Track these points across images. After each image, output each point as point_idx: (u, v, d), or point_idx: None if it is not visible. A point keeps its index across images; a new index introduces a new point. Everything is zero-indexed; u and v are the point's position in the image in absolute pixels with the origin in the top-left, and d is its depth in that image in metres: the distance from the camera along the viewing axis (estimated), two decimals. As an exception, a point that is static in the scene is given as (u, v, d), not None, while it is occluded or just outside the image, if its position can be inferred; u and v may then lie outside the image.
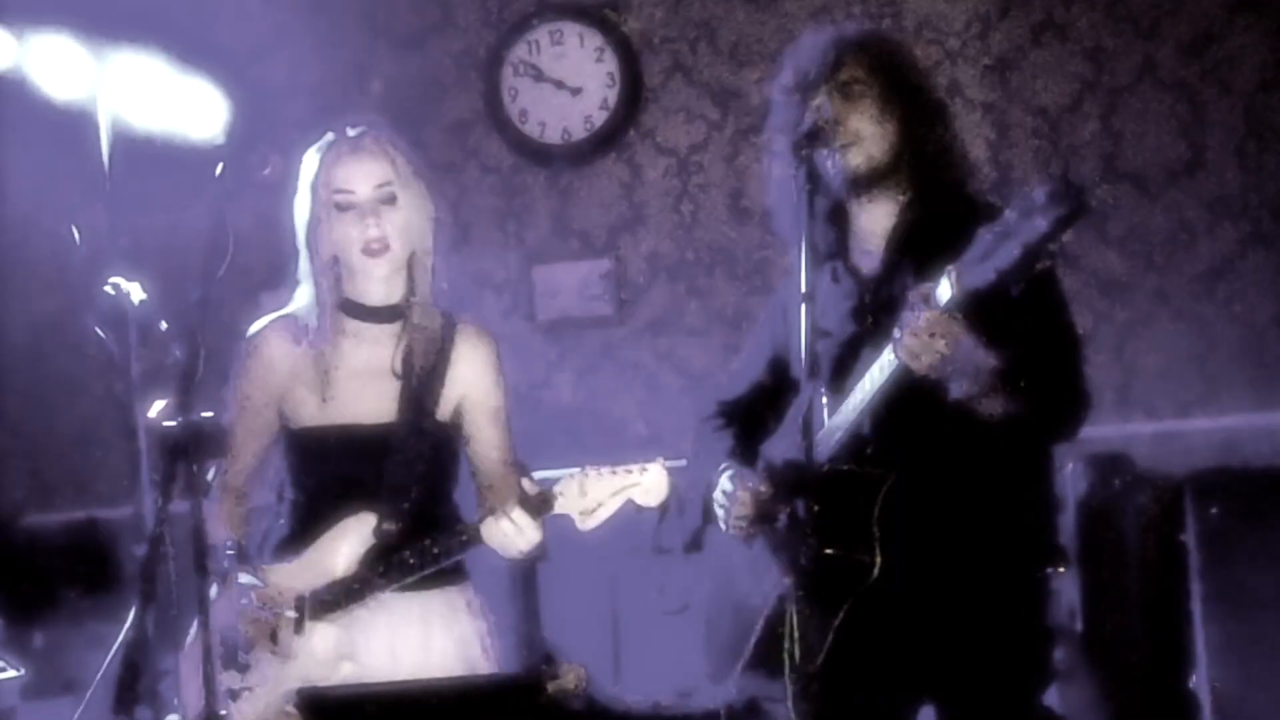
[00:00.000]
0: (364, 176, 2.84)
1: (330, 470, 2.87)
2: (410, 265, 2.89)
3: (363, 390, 2.88)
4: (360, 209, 2.82)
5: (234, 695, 2.72)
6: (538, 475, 4.84)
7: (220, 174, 2.71)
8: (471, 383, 2.93)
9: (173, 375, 2.93)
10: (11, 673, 4.17)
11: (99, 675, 3.83)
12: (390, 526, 2.80)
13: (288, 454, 2.93)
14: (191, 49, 4.09)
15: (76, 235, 4.11)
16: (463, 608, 2.92)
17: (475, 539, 2.73)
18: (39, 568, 5.23)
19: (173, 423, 2.38)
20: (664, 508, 2.85)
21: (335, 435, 2.86)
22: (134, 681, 2.26)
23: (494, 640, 2.96)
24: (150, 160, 4.29)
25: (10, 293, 5.75)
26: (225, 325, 2.92)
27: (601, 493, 2.69)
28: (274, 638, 2.76)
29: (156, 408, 2.95)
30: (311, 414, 2.88)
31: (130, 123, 4.11)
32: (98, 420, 5.67)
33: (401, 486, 2.82)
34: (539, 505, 2.70)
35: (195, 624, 2.68)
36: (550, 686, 2.52)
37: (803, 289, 2.34)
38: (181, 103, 4.09)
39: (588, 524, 2.71)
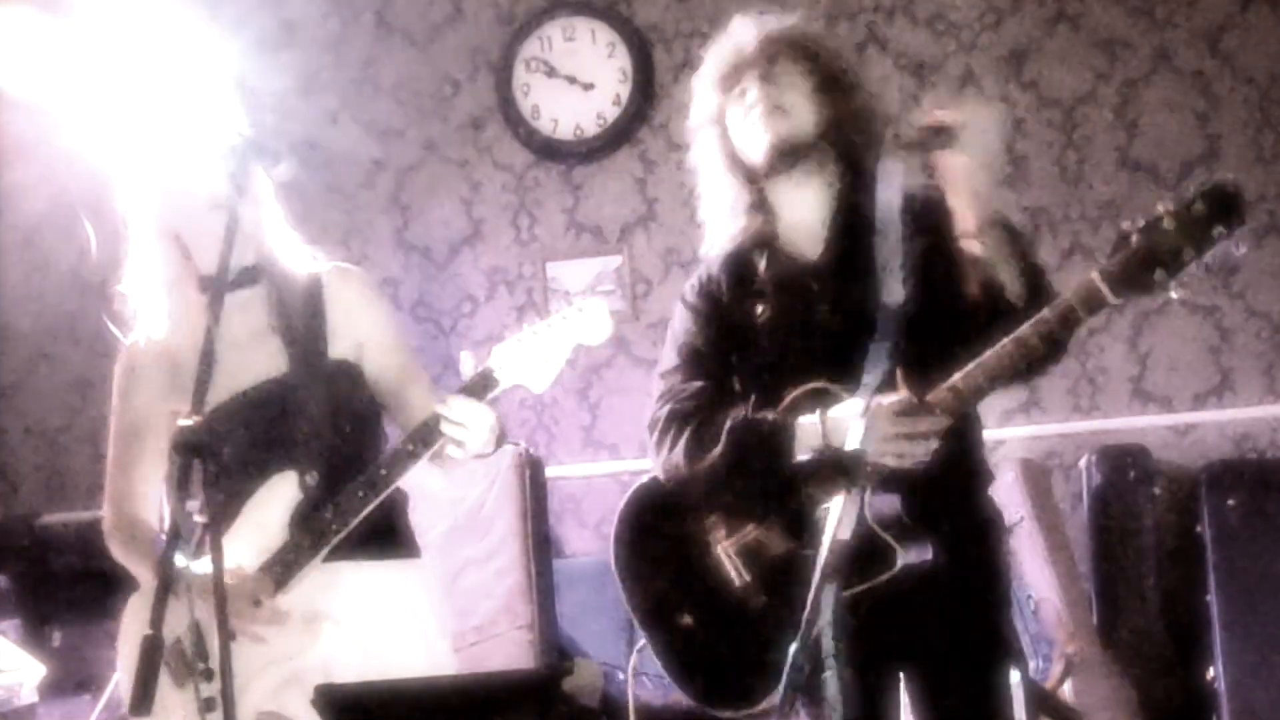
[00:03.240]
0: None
1: (241, 439, 2.77)
2: (256, 226, 2.81)
3: (248, 355, 2.80)
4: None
5: (210, 705, 2.56)
6: (550, 474, 4.87)
7: (233, 173, 2.70)
8: (356, 321, 2.83)
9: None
10: (30, 670, 4.19)
11: (117, 673, 3.84)
12: (312, 478, 2.72)
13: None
14: (202, 47, 4.09)
15: (91, 233, 4.12)
16: (418, 582, 2.84)
17: (429, 441, 2.60)
18: (56, 566, 5.25)
19: (187, 421, 2.37)
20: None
21: (236, 403, 2.77)
22: (151, 679, 2.25)
23: (444, 623, 2.88)
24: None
25: (25, 292, 5.78)
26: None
27: (544, 347, 2.57)
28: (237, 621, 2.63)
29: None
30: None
31: (141, 121, 4.11)
32: (113, 419, 5.70)
33: (312, 433, 2.74)
34: (481, 387, 2.59)
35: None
36: (566, 684, 2.48)
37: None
38: (192, 102, 4.09)
39: (542, 384, 2.59)
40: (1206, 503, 4.58)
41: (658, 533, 2.84)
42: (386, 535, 2.82)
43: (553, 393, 5.36)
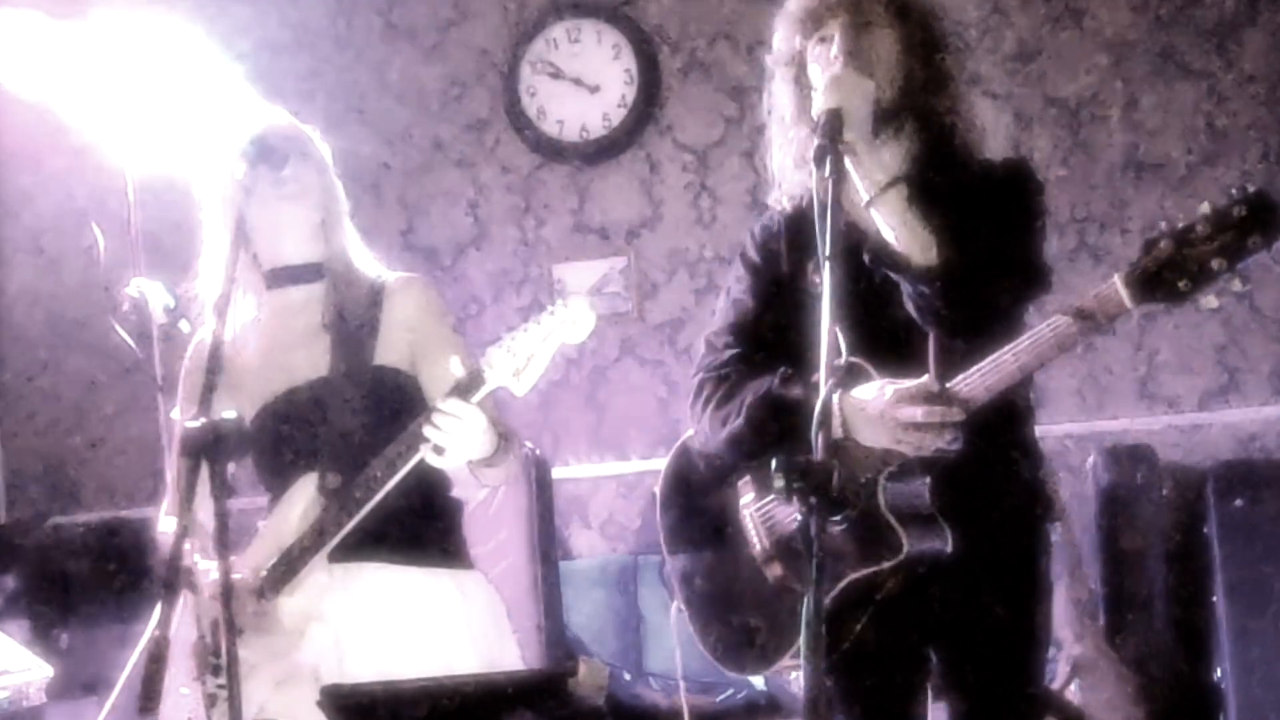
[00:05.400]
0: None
1: (280, 440, 2.80)
2: (325, 226, 2.85)
3: (296, 354, 2.82)
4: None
5: (213, 700, 2.57)
6: (557, 475, 4.88)
7: (241, 176, 2.72)
8: (413, 327, 2.84)
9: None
10: (38, 672, 4.19)
11: (124, 675, 3.84)
12: (333, 481, 2.71)
13: (252, 444, 2.81)
14: (209, 49, 4.10)
15: (99, 237, 4.13)
16: (453, 591, 2.82)
17: (415, 445, 2.59)
18: (64, 568, 5.25)
19: (195, 423, 2.38)
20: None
21: (279, 402, 2.81)
22: (158, 681, 2.26)
23: (493, 635, 2.86)
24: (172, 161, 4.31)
25: (33, 295, 5.79)
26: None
27: (529, 345, 2.55)
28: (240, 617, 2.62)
29: (179, 408, 2.95)
30: (257, 395, 2.82)
31: (150, 124, 4.12)
32: (121, 421, 5.71)
33: (340, 437, 2.74)
34: (470, 385, 2.57)
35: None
36: (572, 684, 2.48)
37: (826, 251, 2.12)
38: (199, 102, 4.11)
39: (524, 384, 2.56)
40: (1213, 503, 4.57)
41: (696, 492, 2.82)
42: (425, 542, 2.82)
43: (559, 394, 5.39)
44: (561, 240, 5.42)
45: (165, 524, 2.87)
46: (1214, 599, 4.50)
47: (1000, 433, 2.54)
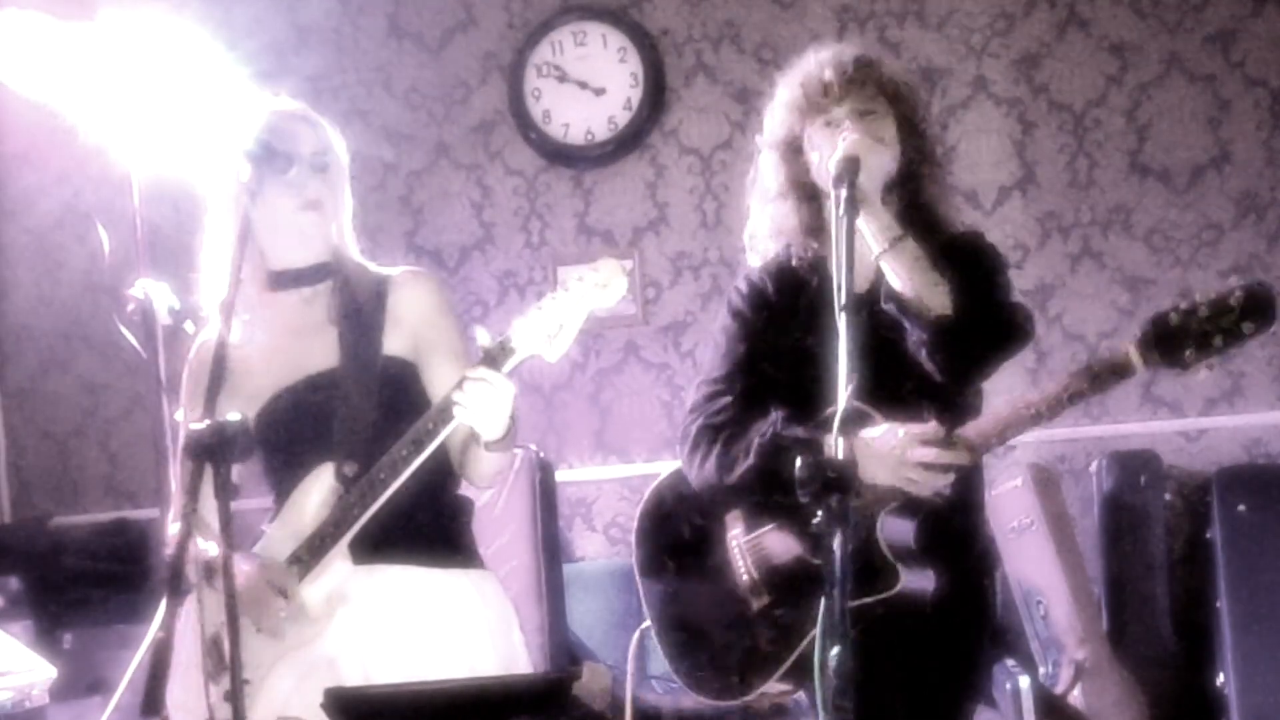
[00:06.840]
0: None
1: (290, 433, 2.80)
2: (334, 230, 2.87)
3: (305, 349, 2.83)
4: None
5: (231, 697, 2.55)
6: (561, 478, 4.87)
7: (246, 178, 2.72)
8: (418, 319, 2.85)
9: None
10: (41, 672, 4.20)
11: (127, 675, 3.85)
12: (350, 469, 2.72)
13: (257, 440, 2.83)
14: (214, 51, 4.10)
15: (104, 238, 4.13)
16: (473, 592, 2.83)
17: (444, 420, 2.60)
18: (68, 568, 5.26)
19: (199, 424, 2.38)
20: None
21: (288, 396, 2.82)
22: (162, 681, 2.26)
23: (508, 635, 2.87)
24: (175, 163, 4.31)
25: (37, 295, 5.80)
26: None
27: (560, 312, 2.55)
28: (262, 614, 2.67)
29: (182, 410, 2.96)
30: (263, 391, 2.83)
31: (156, 125, 4.12)
32: (125, 422, 5.71)
33: (354, 426, 2.75)
34: (500, 354, 2.58)
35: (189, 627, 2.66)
36: (575, 688, 2.48)
37: (841, 301, 2.29)
38: (205, 103, 4.11)
39: (557, 350, 2.56)
40: (1217, 508, 4.58)
41: (677, 523, 2.93)
42: (443, 543, 2.83)
43: (563, 397, 5.40)
44: (566, 243, 5.42)
45: (174, 528, 2.87)
46: (1217, 604, 4.50)
47: (964, 485, 2.70)
